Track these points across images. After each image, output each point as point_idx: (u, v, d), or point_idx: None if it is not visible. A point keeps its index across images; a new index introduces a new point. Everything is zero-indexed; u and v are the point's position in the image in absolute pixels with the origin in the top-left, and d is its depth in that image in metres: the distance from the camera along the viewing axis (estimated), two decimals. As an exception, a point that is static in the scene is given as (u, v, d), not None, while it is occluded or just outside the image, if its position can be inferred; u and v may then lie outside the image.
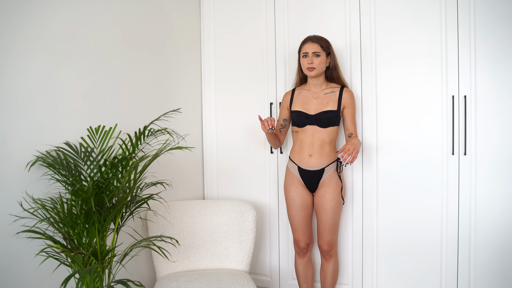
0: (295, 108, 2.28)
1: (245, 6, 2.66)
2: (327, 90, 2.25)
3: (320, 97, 2.24)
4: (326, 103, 2.22)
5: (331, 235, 2.23)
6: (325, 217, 2.21)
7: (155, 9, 2.40)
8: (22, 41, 1.64)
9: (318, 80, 2.25)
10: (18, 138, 1.64)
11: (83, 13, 1.92)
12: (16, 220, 1.62)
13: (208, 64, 2.78)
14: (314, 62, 2.17)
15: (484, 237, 2.16)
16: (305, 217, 2.27)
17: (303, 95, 2.29)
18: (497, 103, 2.11)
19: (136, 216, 2.19)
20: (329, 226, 2.22)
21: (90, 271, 1.42)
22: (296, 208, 2.26)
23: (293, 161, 2.29)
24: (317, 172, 2.22)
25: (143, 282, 2.31)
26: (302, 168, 2.24)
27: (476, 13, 2.11)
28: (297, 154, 2.26)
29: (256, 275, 2.70)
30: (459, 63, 2.16)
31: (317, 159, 2.21)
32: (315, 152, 2.21)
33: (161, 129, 1.80)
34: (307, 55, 2.19)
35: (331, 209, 2.20)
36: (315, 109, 2.22)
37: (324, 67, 2.22)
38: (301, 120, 2.23)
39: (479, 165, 2.15)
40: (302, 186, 2.27)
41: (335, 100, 2.22)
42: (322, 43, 2.20)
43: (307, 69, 2.19)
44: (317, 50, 2.18)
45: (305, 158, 2.23)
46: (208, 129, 2.80)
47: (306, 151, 2.23)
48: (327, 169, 2.21)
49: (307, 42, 2.21)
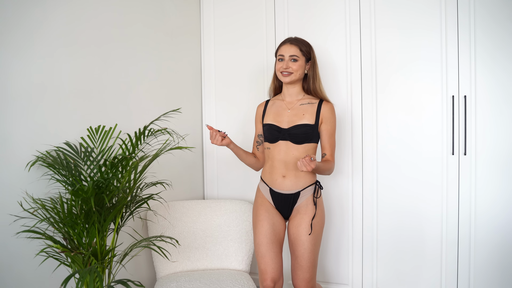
0: (266, 121, 1.97)
1: (245, 6, 2.66)
2: (303, 101, 1.94)
3: (295, 107, 1.93)
4: (302, 115, 1.90)
5: (309, 273, 1.87)
6: (302, 251, 1.86)
7: (155, 9, 2.40)
8: (22, 41, 1.64)
9: (294, 89, 1.95)
10: (18, 138, 1.64)
11: (83, 13, 1.92)
12: (16, 220, 1.62)
13: (208, 64, 2.78)
14: (290, 66, 1.88)
15: (484, 236, 2.16)
16: (275, 242, 1.89)
17: (277, 106, 1.98)
18: (497, 103, 2.11)
19: (136, 216, 2.20)
20: (307, 262, 1.86)
21: (90, 271, 1.42)
22: (264, 230, 1.89)
23: (264, 181, 1.97)
24: (291, 196, 1.90)
25: (143, 282, 2.31)
26: (274, 191, 1.93)
27: (476, 16, 2.11)
28: (269, 174, 1.94)
29: (256, 275, 2.70)
30: (459, 64, 2.16)
31: (292, 181, 1.89)
32: (290, 173, 1.89)
33: (161, 129, 1.80)
34: (283, 59, 1.89)
35: (308, 241, 1.85)
36: (288, 122, 1.91)
37: (302, 74, 1.92)
38: (272, 134, 1.92)
39: (479, 165, 2.16)
40: (274, 210, 1.95)
41: (312, 112, 1.91)
42: (302, 47, 1.90)
43: (281, 73, 1.90)
44: (295, 54, 1.88)
45: (278, 179, 1.91)
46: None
47: (278, 171, 1.90)
48: (303, 193, 1.90)
49: (285, 44, 1.92)
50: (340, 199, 2.47)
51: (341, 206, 2.47)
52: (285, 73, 1.90)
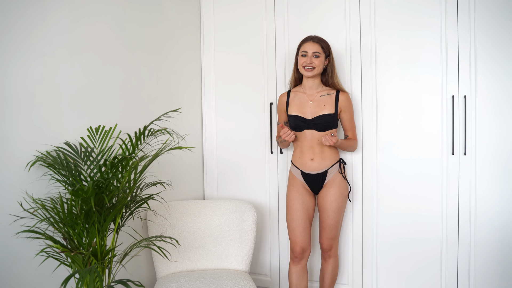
0: (291, 112, 2.24)
1: (245, 6, 2.66)
2: (323, 93, 2.22)
3: (316, 99, 2.20)
4: (323, 105, 2.19)
5: (331, 233, 2.21)
6: (326, 217, 2.20)
7: (155, 9, 2.40)
8: (22, 41, 1.64)
9: (314, 82, 2.21)
10: (18, 138, 1.64)
11: (83, 13, 1.92)
12: (16, 220, 1.62)
13: (208, 64, 2.78)
14: (313, 62, 2.13)
15: (484, 236, 2.16)
16: (304, 218, 2.21)
17: (299, 98, 2.25)
18: (497, 103, 2.11)
19: (136, 216, 2.19)
20: (329, 226, 2.20)
21: (90, 271, 1.42)
22: (296, 208, 2.21)
23: (295, 165, 2.27)
24: (320, 175, 2.21)
25: (143, 282, 2.31)
26: (305, 172, 2.23)
27: (476, 17, 2.11)
28: (299, 158, 2.25)
29: (256, 275, 2.70)
30: (459, 64, 2.16)
31: (319, 163, 2.19)
32: (316, 156, 2.19)
33: (161, 129, 1.80)
34: (306, 55, 2.15)
35: (332, 209, 2.19)
36: (311, 113, 2.19)
37: (322, 68, 2.19)
38: (298, 125, 2.20)
39: (479, 165, 2.16)
40: (305, 189, 2.25)
41: (331, 102, 2.19)
42: (323, 44, 2.17)
43: (304, 68, 2.15)
44: (318, 51, 2.14)
45: (307, 162, 2.21)
46: (208, 129, 2.80)
47: (307, 155, 2.21)
48: (329, 171, 2.21)
49: (307, 41, 2.17)
50: (340, 199, 2.47)
51: (341, 206, 2.47)
52: (308, 67, 2.15)
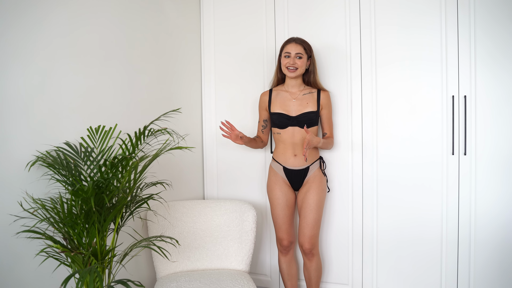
0: (274, 110, 2.31)
1: (245, 6, 2.66)
2: (305, 91, 2.30)
3: (299, 98, 2.28)
4: (306, 103, 2.27)
5: (313, 231, 2.25)
6: (308, 212, 2.25)
7: (155, 9, 2.40)
8: (22, 41, 1.64)
9: (297, 81, 2.29)
10: (18, 138, 1.64)
11: (83, 13, 1.92)
12: (16, 220, 1.62)
13: (208, 64, 2.78)
14: (296, 63, 2.20)
15: (484, 236, 2.16)
16: (289, 216, 2.32)
17: (282, 96, 2.32)
18: (497, 103, 2.11)
19: (136, 216, 2.19)
20: (312, 221, 2.25)
21: (90, 271, 1.42)
22: (281, 207, 2.31)
23: (277, 161, 2.33)
24: (302, 170, 2.29)
25: (143, 282, 2.31)
26: (288, 168, 2.29)
27: (476, 16, 2.11)
28: (282, 154, 2.31)
29: (256, 275, 2.70)
30: (459, 64, 2.16)
31: (302, 159, 2.27)
32: (299, 152, 2.27)
33: (161, 129, 1.80)
34: (290, 56, 2.21)
35: (314, 203, 2.25)
36: (295, 110, 2.27)
37: (305, 69, 2.26)
38: (282, 122, 2.27)
39: (479, 165, 2.16)
40: (287, 186, 2.32)
41: (314, 101, 2.27)
42: (305, 46, 2.23)
43: (288, 68, 2.22)
44: (300, 52, 2.21)
45: (290, 158, 2.28)
46: (208, 129, 2.80)
47: (290, 151, 2.28)
48: (311, 167, 2.29)
49: (290, 43, 2.23)
50: (340, 197, 2.47)
51: (340, 204, 2.47)
52: (291, 68, 2.22)
